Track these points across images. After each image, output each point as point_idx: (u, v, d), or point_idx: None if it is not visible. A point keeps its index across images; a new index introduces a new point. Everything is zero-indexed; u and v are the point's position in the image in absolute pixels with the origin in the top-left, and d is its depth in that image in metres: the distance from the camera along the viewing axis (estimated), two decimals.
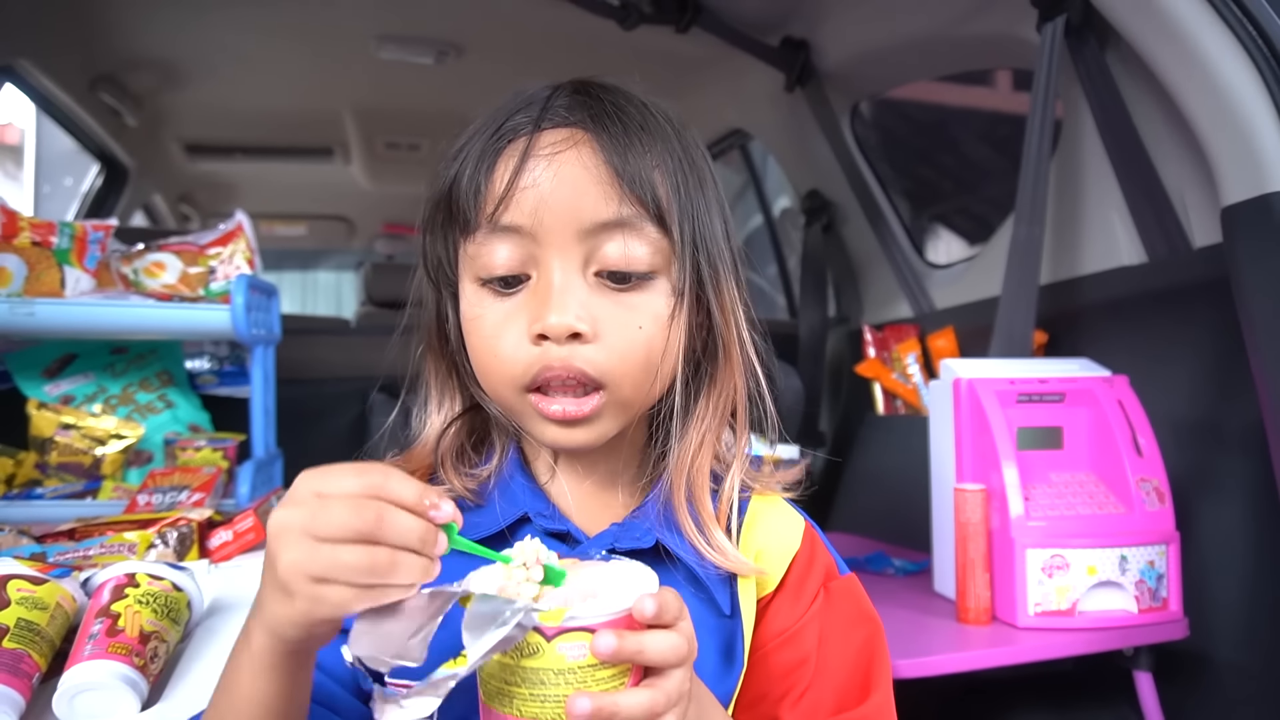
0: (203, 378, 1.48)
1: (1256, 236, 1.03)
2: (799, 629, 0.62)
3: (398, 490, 0.43)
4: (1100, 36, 1.33)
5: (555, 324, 0.55)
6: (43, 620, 0.73)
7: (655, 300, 0.59)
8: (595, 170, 0.57)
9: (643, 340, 0.58)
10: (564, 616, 0.44)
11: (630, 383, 0.58)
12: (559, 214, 0.56)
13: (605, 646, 0.43)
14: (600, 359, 0.56)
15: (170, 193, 3.04)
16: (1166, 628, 1.14)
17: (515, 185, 0.57)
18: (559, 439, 0.59)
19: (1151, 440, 1.19)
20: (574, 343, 0.56)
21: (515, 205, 0.57)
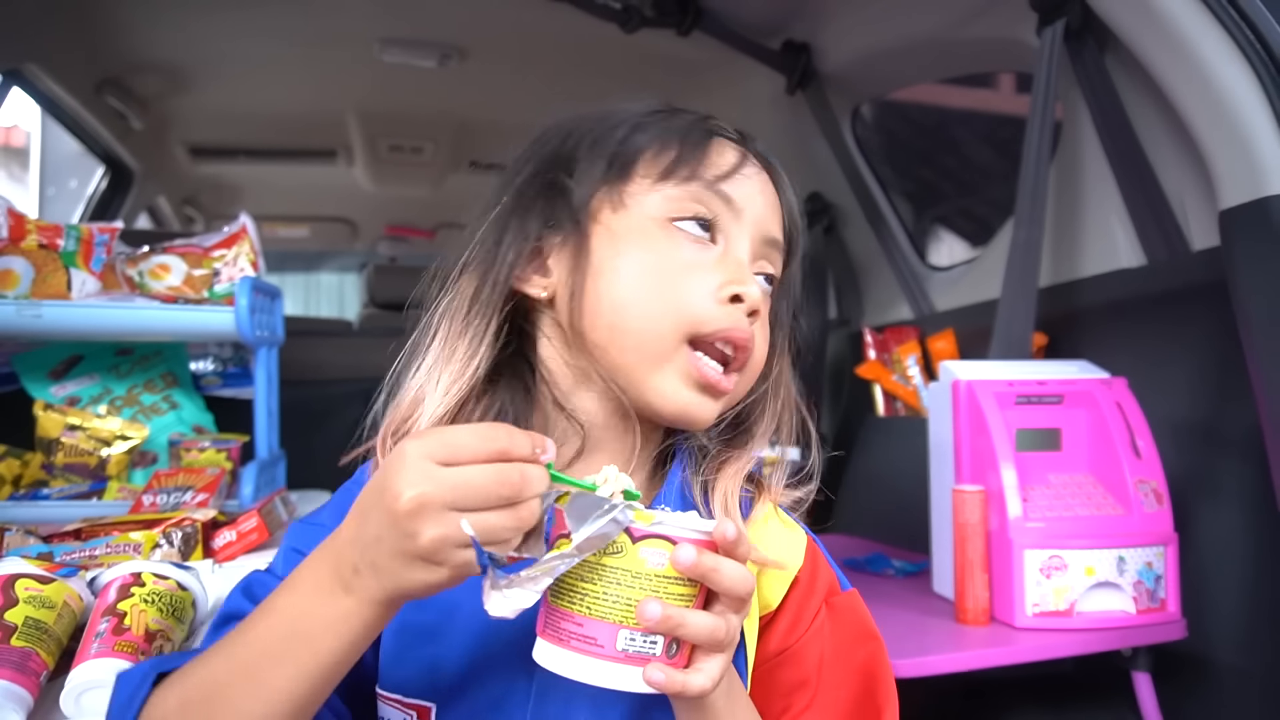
0: (207, 379, 1.49)
1: (1254, 240, 1.03)
2: (799, 648, 0.62)
3: (521, 447, 0.45)
4: (1099, 40, 1.33)
5: (754, 294, 0.59)
6: (50, 619, 0.74)
7: (775, 315, 0.67)
8: (777, 196, 0.66)
9: (767, 344, 0.64)
10: (653, 521, 0.46)
11: (747, 378, 0.63)
12: (758, 214, 0.63)
13: (685, 558, 0.45)
14: (760, 345, 0.62)
15: (175, 195, 3.06)
16: (1164, 628, 1.14)
17: (739, 169, 0.62)
18: (688, 404, 0.60)
19: (1150, 442, 1.20)
20: (750, 317, 0.60)
21: (736, 182, 0.62)
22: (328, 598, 0.47)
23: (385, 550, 0.45)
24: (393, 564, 0.45)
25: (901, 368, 1.85)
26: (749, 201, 0.62)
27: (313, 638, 0.47)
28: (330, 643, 0.47)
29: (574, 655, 0.47)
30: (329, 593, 0.47)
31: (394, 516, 0.43)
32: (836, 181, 2.10)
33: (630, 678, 0.46)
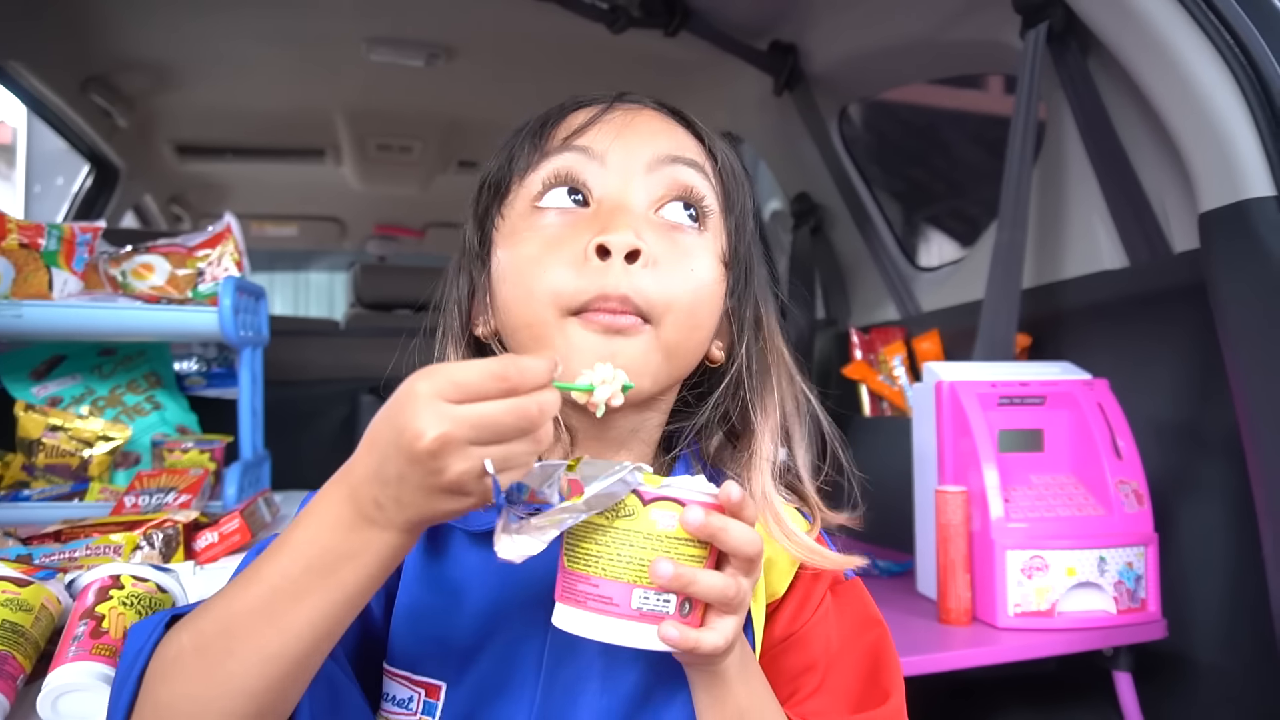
0: (191, 379, 1.48)
1: (1232, 242, 1.04)
2: (806, 632, 0.63)
3: (531, 379, 0.45)
4: (1082, 43, 1.34)
5: (618, 239, 0.56)
6: (27, 622, 0.74)
7: (705, 252, 0.61)
8: (668, 123, 0.63)
9: (693, 283, 0.59)
10: (661, 483, 0.48)
11: (675, 325, 0.58)
12: (632, 144, 0.60)
13: (694, 518, 0.46)
14: (653, 289, 0.57)
15: (161, 194, 3.04)
16: (1145, 628, 1.15)
17: (596, 120, 0.61)
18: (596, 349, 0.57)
19: (1131, 443, 1.20)
20: (631, 265, 0.56)
21: (591, 133, 0.60)
22: (348, 530, 0.46)
23: (409, 486, 0.45)
24: (417, 497, 0.45)
25: (887, 368, 1.85)
26: (614, 140, 0.60)
27: (334, 569, 0.46)
28: (353, 573, 0.46)
29: (592, 615, 0.49)
30: (350, 526, 0.46)
31: (416, 456, 0.43)
32: (824, 182, 2.11)
33: (646, 635, 0.48)
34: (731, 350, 0.66)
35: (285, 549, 0.48)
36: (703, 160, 0.63)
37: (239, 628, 0.47)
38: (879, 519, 1.72)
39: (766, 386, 0.65)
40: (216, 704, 0.47)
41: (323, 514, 0.47)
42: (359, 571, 0.46)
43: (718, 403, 0.65)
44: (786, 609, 0.64)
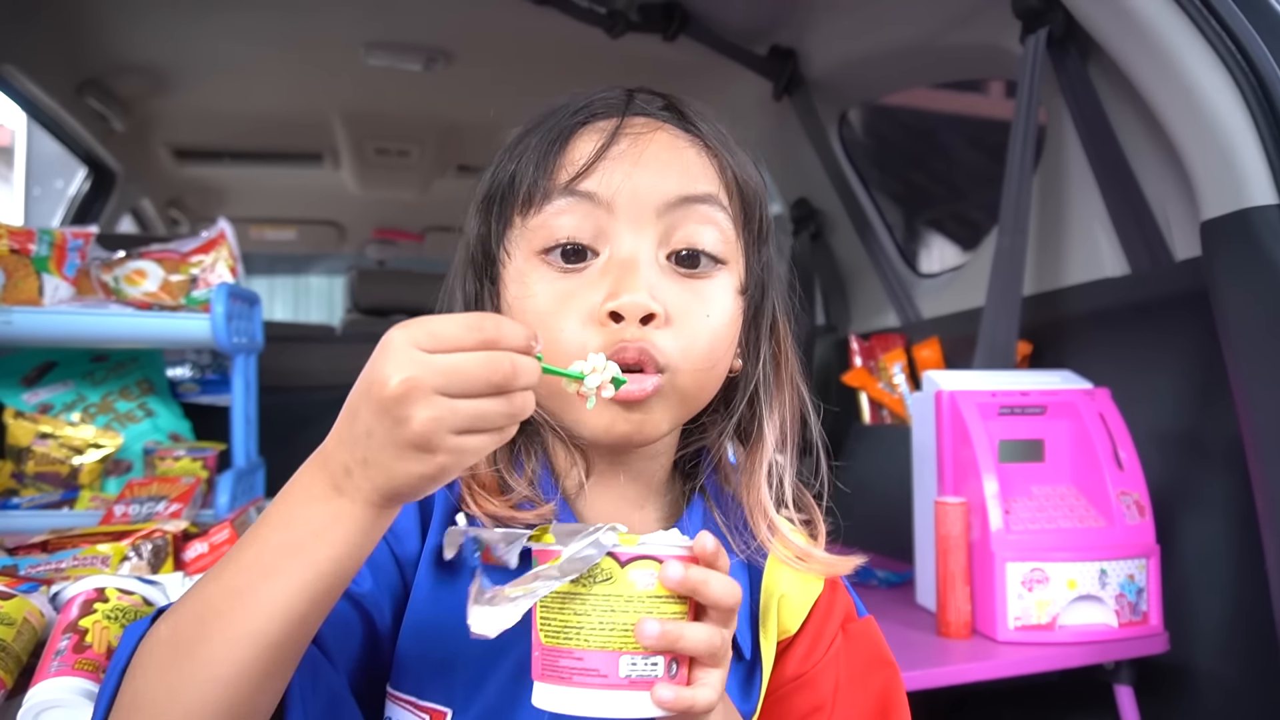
0: (184, 386, 1.47)
1: (1235, 251, 1.03)
2: (816, 672, 0.62)
3: (511, 337, 0.43)
4: (1082, 49, 1.33)
5: (631, 302, 0.54)
6: (9, 636, 0.73)
7: (723, 292, 0.59)
8: (680, 151, 0.59)
9: (709, 330, 0.57)
10: (638, 542, 0.47)
11: (692, 373, 0.57)
12: (641, 188, 0.56)
13: (674, 574, 0.46)
14: (670, 346, 0.55)
15: (159, 197, 3.03)
16: (1147, 642, 1.14)
17: (603, 155, 0.57)
18: (613, 425, 0.56)
19: (1132, 453, 1.19)
20: (646, 326, 0.55)
21: (597, 174, 0.57)
22: (318, 503, 0.44)
23: (376, 443, 0.42)
24: (384, 455, 0.43)
25: (887, 375, 1.84)
26: (624, 182, 0.56)
27: (305, 546, 0.44)
28: (324, 550, 0.44)
29: (579, 691, 0.47)
30: (320, 498, 0.44)
31: (383, 404, 0.42)
32: (823, 187, 2.10)
33: (639, 703, 0.47)
34: (752, 361, 0.64)
35: (260, 528, 0.46)
36: (717, 188, 0.59)
37: (212, 611, 0.45)
38: (878, 528, 1.71)
39: (774, 396, 0.64)
40: (189, 692, 0.44)
41: (296, 489, 0.46)
42: (329, 549, 0.44)
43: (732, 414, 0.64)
44: (799, 647, 0.63)
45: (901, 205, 3.97)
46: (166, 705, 0.45)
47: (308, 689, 0.50)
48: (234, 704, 0.44)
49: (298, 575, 0.44)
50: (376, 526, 0.45)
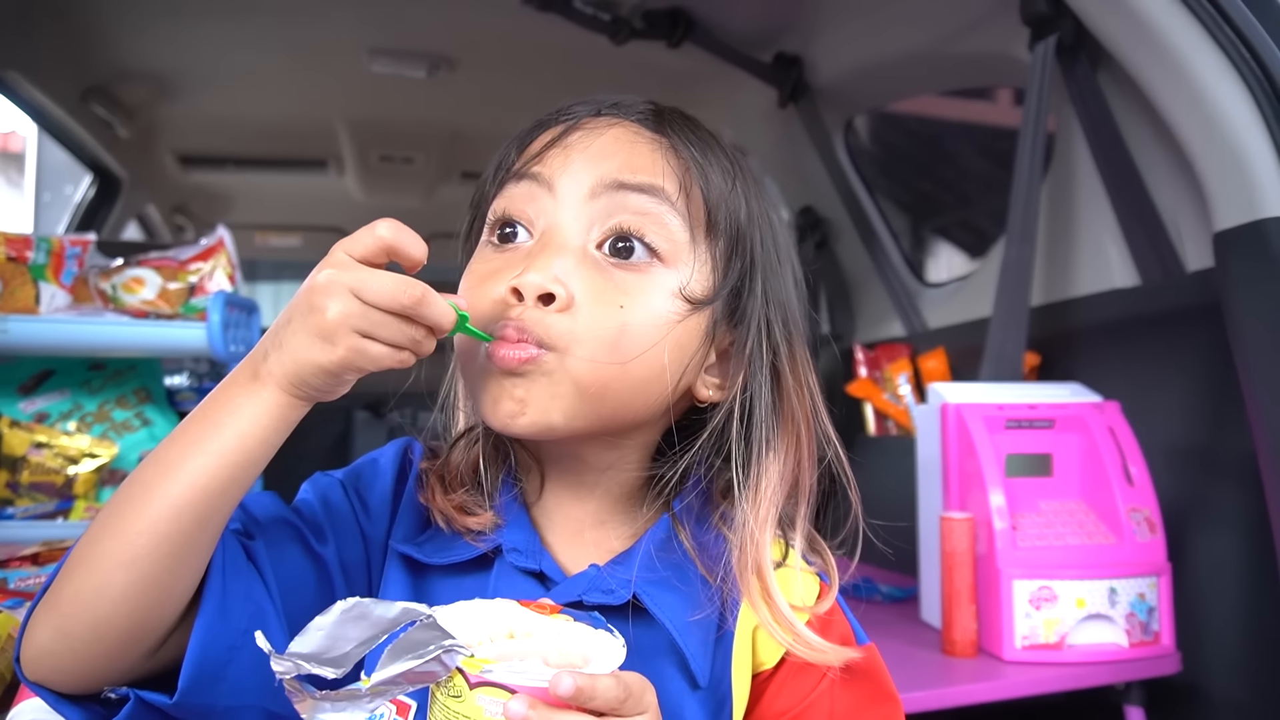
0: (182, 394, 1.46)
1: (1249, 262, 1.01)
2: (805, 709, 0.58)
3: (434, 304, 0.48)
4: (1092, 56, 1.31)
5: (529, 281, 0.53)
6: None
7: (652, 290, 0.55)
8: (632, 144, 0.57)
9: (617, 321, 0.53)
10: (483, 669, 0.43)
11: (587, 360, 0.53)
12: (581, 170, 0.56)
13: (516, 712, 0.42)
14: (563, 327, 0.53)
15: (164, 204, 3.03)
16: (1158, 662, 1.11)
17: (555, 143, 0.58)
18: (498, 400, 0.54)
19: (1143, 468, 1.17)
20: (544, 306, 0.53)
21: (547, 159, 0.57)
22: (237, 387, 0.49)
23: (291, 328, 0.47)
24: (295, 340, 0.47)
25: (892, 386, 1.82)
26: (565, 164, 0.56)
27: (220, 424, 0.48)
28: (233, 427, 0.48)
29: None
30: (239, 382, 0.49)
31: (306, 293, 0.47)
32: (829, 196, 2.08)
33: None
34: (730, 390, 0.59)
35: (193, 411, 0.51)
36: (663, 181, 0.56)
37: (138, 477, 0.49)
38: (882, 541, 1.68)
39: (767, 437, 0.58)
40: (109, 544, 0.47)
41: (227, 378, 0.51)
42: (237, 425, 0.48)
43: (706, 449, 0.59)
44: (785, 678, 0.59)
45: (907, 214, 3.95)
46: (89, 558, 0.47)
47: (236, 598, 0.50)
48: (136, 560, 0.46)
49: (209, 448, 0.48)
50: (284, 415, 0.49)
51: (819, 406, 0.61)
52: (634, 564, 0.57)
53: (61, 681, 0.49)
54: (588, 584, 0.57)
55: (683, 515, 0.60)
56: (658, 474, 0.60)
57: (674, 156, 0.57)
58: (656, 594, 0.56)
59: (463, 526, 0.58)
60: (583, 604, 0.56)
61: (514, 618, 0.49)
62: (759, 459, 0.58)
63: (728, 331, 0.59)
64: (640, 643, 0.55)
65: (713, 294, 0.57)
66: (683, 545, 0.59)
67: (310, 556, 0.57)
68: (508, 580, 0.58)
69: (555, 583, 0.58)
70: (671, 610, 0.56)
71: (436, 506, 0.59)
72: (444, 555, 0.58)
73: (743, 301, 0.58)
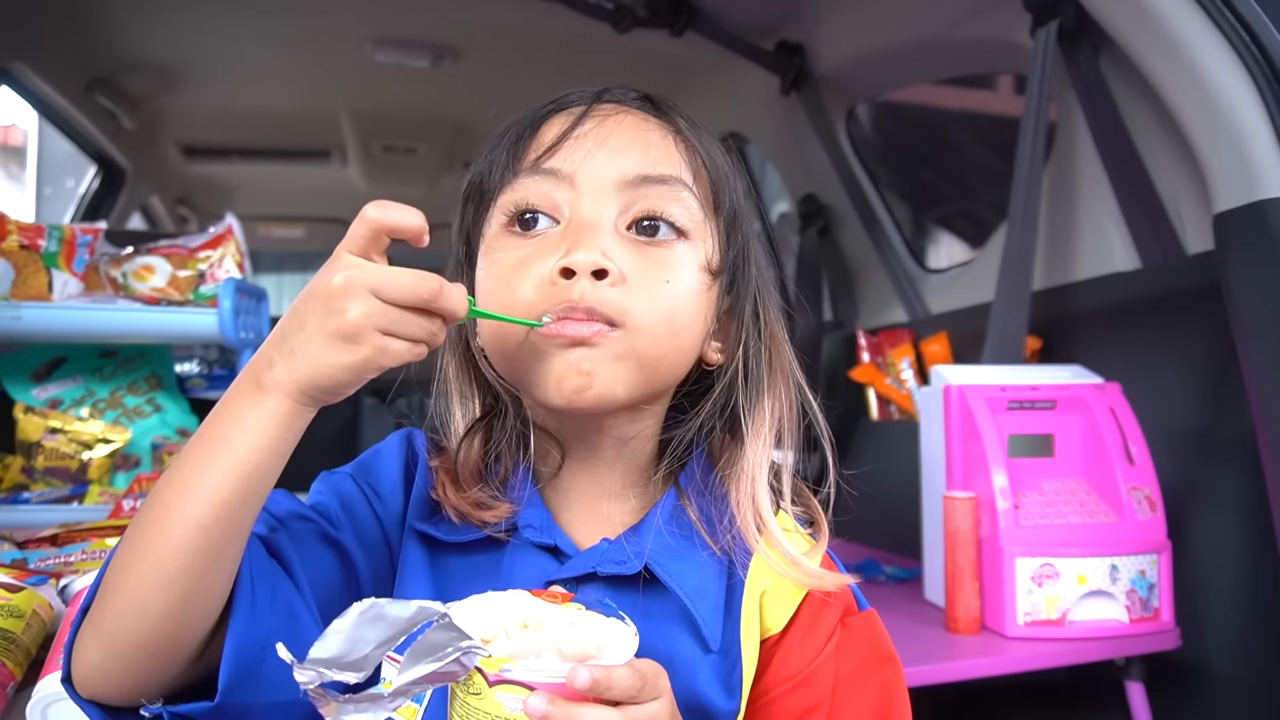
0: (192, 381, 1.47)
1: (1248, 244, 1.02)
2: (812, 672, 0.60)
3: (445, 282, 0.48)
4: (1094, 42, 1.32)
5: (582, 258, 0.55)
6: (18, 628, 0.73)
7: (684, 265, 0.58)
8: (645, 133, 0.60)
9: (668, 295, 0.57)
10: (501, 668, 0.44)
11: (649, 334, 0.56)
12: (602, 164, 0.58)
13: (536, 709, 0.43)
14: (623, 301, 0.55)
15: (168, 195, 3.04)
16: (1158, 638, 1.13)
17: (568, 136, 0.59)
18: (563, 377, 0.55)
19: (1143, 448, 1.18)
20: (600, 283, 0.55)
21: (562, 153, 0.58)
22: (242, 398, 0.49)
23: (307, 333, 0.47)
24: (312, 345, 0.47)
25: (895, 371, 1.83)
26: (585, 159, 0.58)
27: (229, 439, 0.48)
28: (242, 440, 0.48)
29: None
30: (243, 393, 0.49)
31: (324, 297, 0.47)
32: (831, 183, 2.09)
33: None
34: (732, 351, 0.63)
35: (201, 427, 0.50)
36: (679, 170, 0.60)
37: (156, 498, 0.49)
38: (886, 524, 1.70)
39: (763, 390, 0.63)
40: (136, 567, 0.48)
41: (230, 389, 0.50)
42: (246, 438, 0.48)
43: (713, 409, 0.62)
44: (790, 645, 0.61)
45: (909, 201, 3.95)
46: (119, 581, 0.48)
47: (263, 598, 0.51)
48: (173, 580, 0.47)
49: (221, 464, 0.48)
50: (291, 423, 0.48)
51: (794, 360, 0.65)
52: (645, 536, 0.59)
53: (115, 695, 0.50)
54: (600, 556, 0.59)
55: (688, 488, 0.62)
56: (669, 441, 0.63)
57: (683, 143, 0.61)
58: (667, 563, 0.58)
59: (479, 521, 0.60)
60: (596, 575, 0.58)
61: (527, 609, 0.50)
62: (758, 412, 0.62)
63: (725, 298, 0.63)
64: (653, 610, 0.58)
65: (722, 265, 0.61)
66: (688, 517, 0.61)
67: (331, 544, 0.58)
68: (521, 556, 0.60)
69: (569, 557, 0.59)
70: (682, 578, 0.58)
71: (450, 503, 0.60)
72: (460, 533, 0.60)
73: (740, 271, 0.63)
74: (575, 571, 0.58)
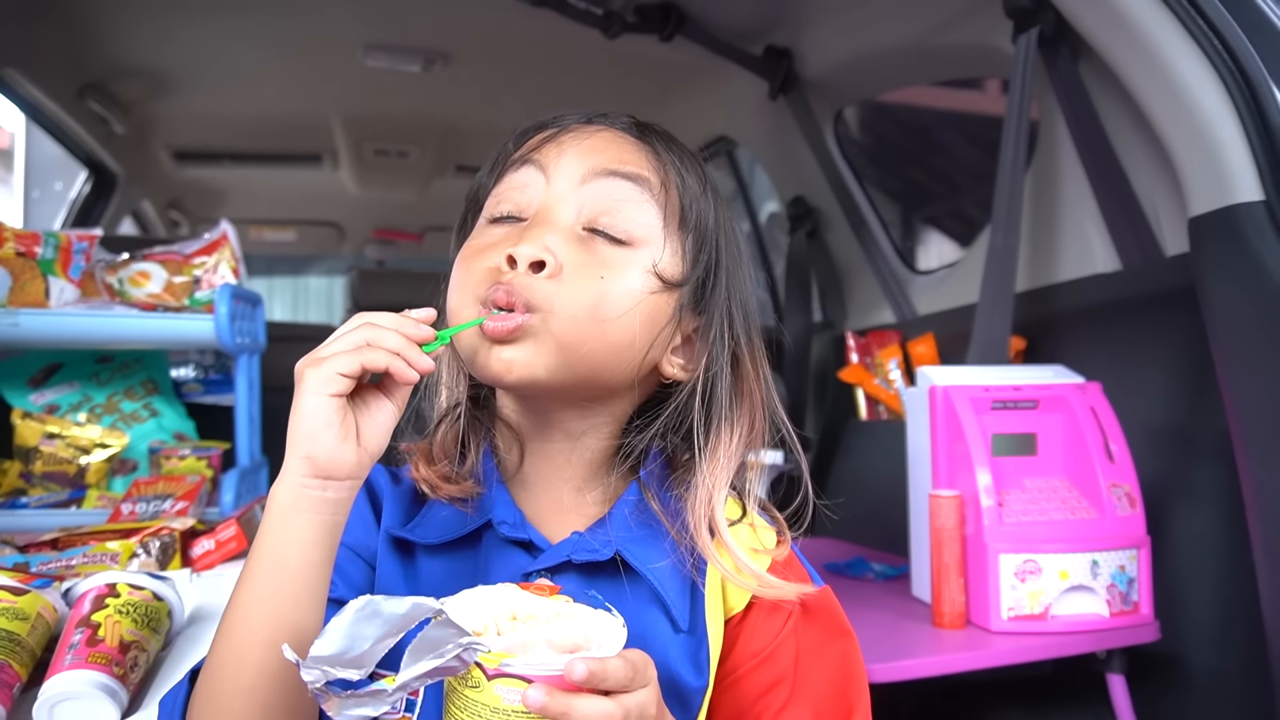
0: (188, 386, 1.48)
1: (1221, 247, 1.05)
2: (775, 648, 0.63)
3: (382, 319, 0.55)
4: (1073, 48, 1.35)
5: (523, 250, 0.59)
6: (23, 630, 0.74)
7: (629, 265, 0.61)
8: (621, 143, 0.64)
9: (598, 288, 0.60)
10: (500, 662, 0.46)
11: (570, 318, 0.59)
12: (574, 158, 0.63)
13: (535, 701, 0.45)
14: (549, 291, 0.59)
15: (159, 199, 3.05)
16: (1137, 630, 1.16)
17: (549, 139, 0.65)
18: (487, 363, 0.60)
19: (1123, 446, 1.21)
20: (535, 273, 0.59)
21: (542, 150, 0.64)
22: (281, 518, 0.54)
23: (292, 426, 0.53)
24: (297, 429, 0.53)
25: (883, 371, 1.86)
26: (560, 155, 0.63)
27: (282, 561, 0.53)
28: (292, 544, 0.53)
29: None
30: (277, 501, 0.54)
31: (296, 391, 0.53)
32: (819, 185, 2.12)
33: None
34: (694, 371, 0.65)
35: (251, 553, 0.55)
36: (649, 174, 0.63)
37: (230, 636, 0.53)
38: (875, 522, 1.72)
39: (723, 415, 0.64)
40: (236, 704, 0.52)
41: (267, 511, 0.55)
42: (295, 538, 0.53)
43: (666, 422, 0.64)
44: (754, 621, 0.64)
45: (897, 202, 3.98)
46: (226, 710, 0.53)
47: None
48: (272, 693, 0.52)
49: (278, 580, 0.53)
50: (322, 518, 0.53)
51: (772, 393, 0.68)
52: (611, 527, 0.63)
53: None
54: (573, 547, 0.62)
55: (649, 482, 0.65)
56: (626, 444, 0.65)
57: (655, 158, 0.65)
58: (635, 550, 0.62)
59: (446, 495, 0.64)
60: (571, 563, 0.61)
61: (516, 602, 0.52)
62: (716, 432, 0.64)
63: (693, 318, 0.65)
64: (626, 594, 0.61)
65: (682, 279, 0.64)
66: (651, 508, 0.64)
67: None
68: (498, 553, 0.63)
69: (541, 550, 0.62)
70: (649, 562, 0.62)
71: (420, 477, 0.65)
72: (437, 534, 0.64)
73: (708, 293, 0.65)
74: (551, 561, 0.61)
